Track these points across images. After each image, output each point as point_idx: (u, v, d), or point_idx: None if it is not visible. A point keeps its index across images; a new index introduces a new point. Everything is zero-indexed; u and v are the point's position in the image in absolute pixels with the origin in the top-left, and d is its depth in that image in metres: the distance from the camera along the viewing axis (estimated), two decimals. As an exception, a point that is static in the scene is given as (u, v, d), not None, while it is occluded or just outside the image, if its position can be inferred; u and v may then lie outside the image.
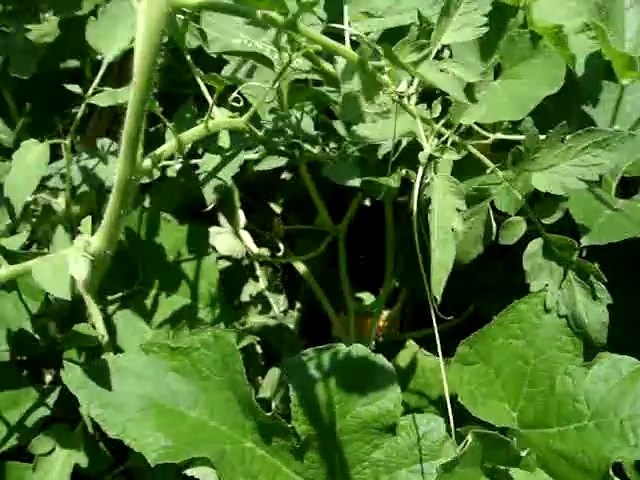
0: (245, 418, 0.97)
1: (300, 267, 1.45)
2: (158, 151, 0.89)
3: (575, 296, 0.92)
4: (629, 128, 1.10)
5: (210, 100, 0.91)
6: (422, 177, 0.88)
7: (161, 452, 0.91)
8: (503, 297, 1.16)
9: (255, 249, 1.39)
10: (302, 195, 1.57)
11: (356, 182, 1.01)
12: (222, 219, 1.39)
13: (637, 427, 0.89)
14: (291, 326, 1.37)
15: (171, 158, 1.00)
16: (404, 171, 1.11)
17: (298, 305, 1.48)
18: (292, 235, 1.50)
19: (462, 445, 0.89)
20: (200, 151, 1.06)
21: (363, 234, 1.53)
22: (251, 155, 1.00)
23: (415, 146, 1.11)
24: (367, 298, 1.49)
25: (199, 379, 0.97)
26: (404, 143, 1.10)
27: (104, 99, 0.91)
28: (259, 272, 1.39)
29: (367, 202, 1.62)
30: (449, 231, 0.85)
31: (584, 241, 0.96)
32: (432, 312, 0.88)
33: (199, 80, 0.92)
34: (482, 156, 0.92)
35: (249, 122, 0.95)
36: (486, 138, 0.97)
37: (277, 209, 1.57)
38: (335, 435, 0.97)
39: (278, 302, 1.40)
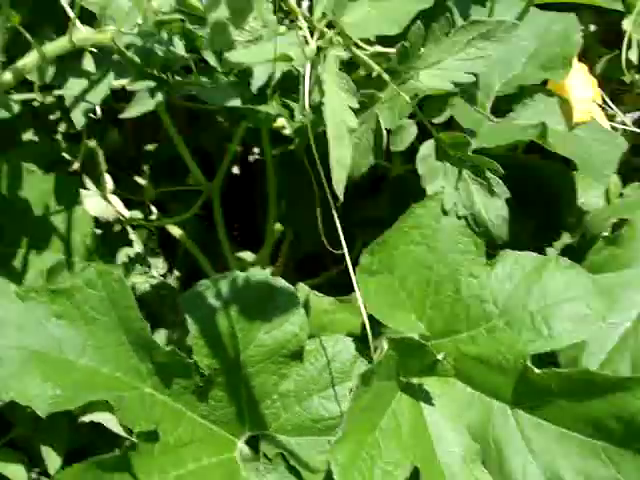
0: (140, 361, 0.89)
1: (175, 230, 1.38)
2: (19, 64, 0.80)
3: (472, 194, 0.91)
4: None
5: (71, 14, 0.83)
6: (309, 76, 0.84)
7: (51, 402, 0.82)
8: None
9: (126, 213, 1.31)
10: (170, 163, 1.51)
11: (236, 102, 0.96)
12: (89, 183, 1.30)
13: (548, 318, 0.88)
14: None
15: (31, 89, 0.91)
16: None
17: (176, 273, 1.41)
18: (165, 200, 1.43)
19: (377, 355, 0.85)
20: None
21: (234, 195, 1.48)
22: (121, 81, 0.93)
23: (290, 77, 1.08)
24: (247, 257, 1.44)
25: (84, 323, 0.88)
26: (278, 74, 1.06)
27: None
28: (133, 236, 1.31)
29: (235, 170, 1.59)
30: (343, 127, 0.81)
31: (473, 144, 0.95)
32: (335, 218, 0.83)
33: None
34: (367, 58, 0.89)
35: (116, 41, 0.88)
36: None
37: (142, 181, 1.51)
38: (240, 368, 0.91)
39: (157, 266, 1.32)
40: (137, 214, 1.33)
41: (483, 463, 0.89)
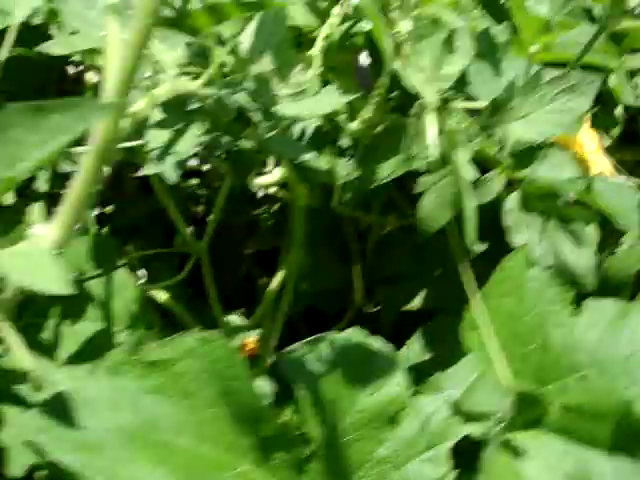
0: (240, 435, 0.81)
1: (160, 295, 1.29)
2: (132, 110, 0.72)
3: (559, 244, 0.91)
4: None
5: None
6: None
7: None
8: (412, 285, 1.13)
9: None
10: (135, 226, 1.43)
11: (312, 155, 0.91)
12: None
13: (641, 362, 0.89)
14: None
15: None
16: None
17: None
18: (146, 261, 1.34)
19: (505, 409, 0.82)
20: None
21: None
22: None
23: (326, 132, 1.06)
24: (234, 320, 1.36)
25: (183, 397, 0.79)
26: (311, 128, 1.04)
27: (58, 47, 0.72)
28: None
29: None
30: (467, 181, 0.80)
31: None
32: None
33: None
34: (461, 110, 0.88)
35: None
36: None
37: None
38: (339, 437, 0.85)
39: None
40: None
41: (584, 513, 0.88)
